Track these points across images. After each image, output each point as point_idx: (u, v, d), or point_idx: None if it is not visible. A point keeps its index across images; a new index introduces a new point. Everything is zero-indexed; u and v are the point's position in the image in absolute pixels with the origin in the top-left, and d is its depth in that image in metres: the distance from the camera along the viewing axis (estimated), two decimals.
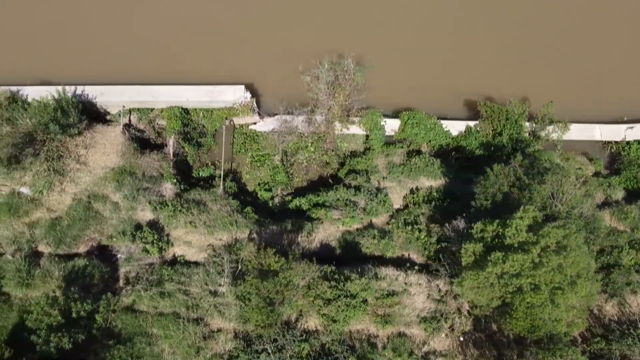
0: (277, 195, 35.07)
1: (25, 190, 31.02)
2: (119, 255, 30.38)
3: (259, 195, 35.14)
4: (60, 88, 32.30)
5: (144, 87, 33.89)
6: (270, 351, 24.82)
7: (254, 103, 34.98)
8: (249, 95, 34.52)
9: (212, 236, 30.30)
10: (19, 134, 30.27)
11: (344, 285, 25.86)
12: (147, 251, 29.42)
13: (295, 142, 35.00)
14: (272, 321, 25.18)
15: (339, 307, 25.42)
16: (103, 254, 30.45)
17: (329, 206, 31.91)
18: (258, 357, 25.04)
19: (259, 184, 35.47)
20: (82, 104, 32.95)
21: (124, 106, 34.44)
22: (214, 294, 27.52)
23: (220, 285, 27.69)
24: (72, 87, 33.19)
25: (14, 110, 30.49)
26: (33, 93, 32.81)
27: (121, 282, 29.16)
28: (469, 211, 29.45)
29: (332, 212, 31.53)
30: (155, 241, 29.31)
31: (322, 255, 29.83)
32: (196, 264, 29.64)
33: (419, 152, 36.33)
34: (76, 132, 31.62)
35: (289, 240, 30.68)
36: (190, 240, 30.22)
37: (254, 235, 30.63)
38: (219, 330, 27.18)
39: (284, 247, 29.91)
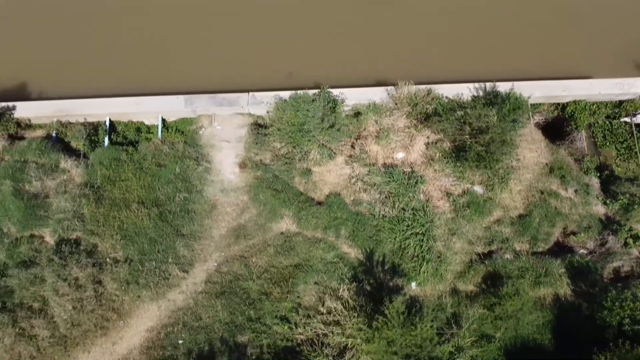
0: None
1: (478, 189, 30.42)
2: (580, 252, 29.97)
3: None
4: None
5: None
6: None
7: None
8: None
9: None
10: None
11: None
12: (628, 245, 29.17)
13: None
14: None
15: None
16: (557, 251, 30.04)
17: None
18: None
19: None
20: None
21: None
22: None
23: None
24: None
25: (483, 107, 29.80)
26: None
27: (606, 277, 28.79)
28: None
29: None
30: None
31: None
32: None
33: None
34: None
35: None
36: None
37: None
38: None
39: None
